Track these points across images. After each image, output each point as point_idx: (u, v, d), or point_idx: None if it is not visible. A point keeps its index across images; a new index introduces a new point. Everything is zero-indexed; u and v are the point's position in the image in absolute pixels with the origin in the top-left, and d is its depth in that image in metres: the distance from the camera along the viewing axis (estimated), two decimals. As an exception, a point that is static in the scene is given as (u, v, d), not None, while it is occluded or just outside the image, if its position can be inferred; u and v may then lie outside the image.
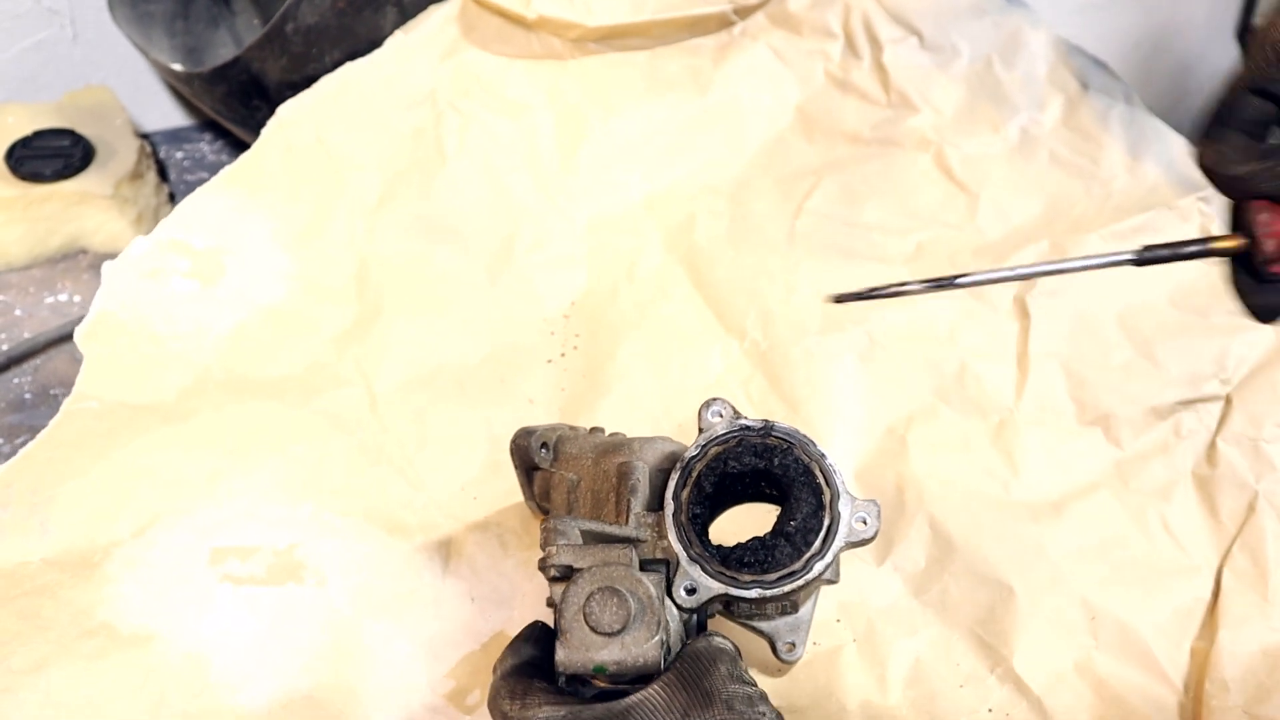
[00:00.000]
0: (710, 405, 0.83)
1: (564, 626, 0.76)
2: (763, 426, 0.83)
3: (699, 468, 0.82)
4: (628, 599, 0.75)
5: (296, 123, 1.34)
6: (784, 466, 0.83)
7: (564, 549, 0.80)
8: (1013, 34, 1.45)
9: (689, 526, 0.81)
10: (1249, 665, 1.03)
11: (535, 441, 0.94)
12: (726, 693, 0.74)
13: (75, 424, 1.12)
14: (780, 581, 0.81)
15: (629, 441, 0.87)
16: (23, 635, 1.00)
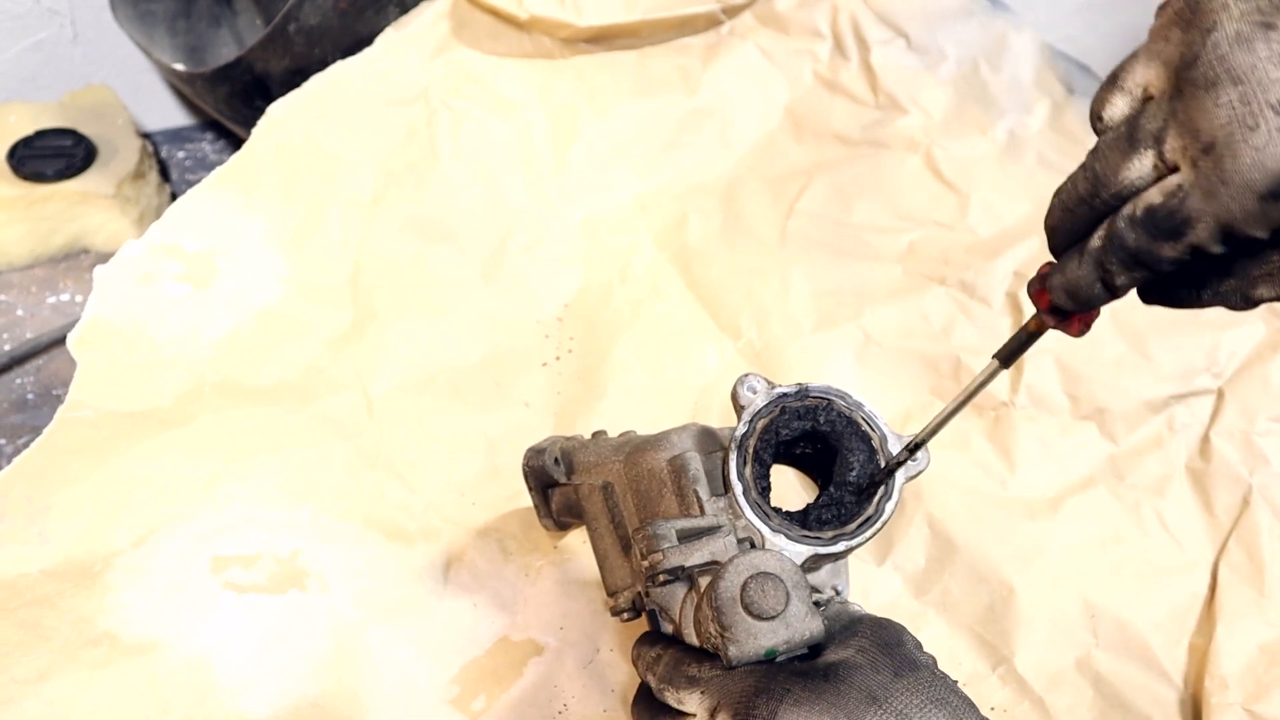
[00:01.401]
0: (744, 381, 0.81)
1: (726, 622, 0.72)
2: (799, 390, 0.81)
3: (753, 443, 0.80)
4: (781, 579, 0.72)
5: (287, 122, 1.28)
6: (830, 423, 0.81)
7: (670, 552, 0.77)
8: (999, 38, 1.41)
9: (762, 501, 0.79)
10: (1247, 661, 0.99)
11: (549, 458, 0.92)
12: (924, 658, 0.72)
13: (71, 431, 1.06)
14: (860, 530, 0.79)
15: (662, 437, 0.84)
16: (25, 645, 0.94)
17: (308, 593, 1.00)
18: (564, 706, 0.96)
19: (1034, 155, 1.33)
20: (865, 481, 0.80)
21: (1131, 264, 0.59)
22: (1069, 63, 1.39)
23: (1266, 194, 0.53)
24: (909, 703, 0.67)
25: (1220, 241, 0.56)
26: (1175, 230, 0.56)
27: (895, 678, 0.69)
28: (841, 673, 0.69)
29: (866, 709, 0.66)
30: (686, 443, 0.83)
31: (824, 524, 0.80)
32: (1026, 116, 1.35)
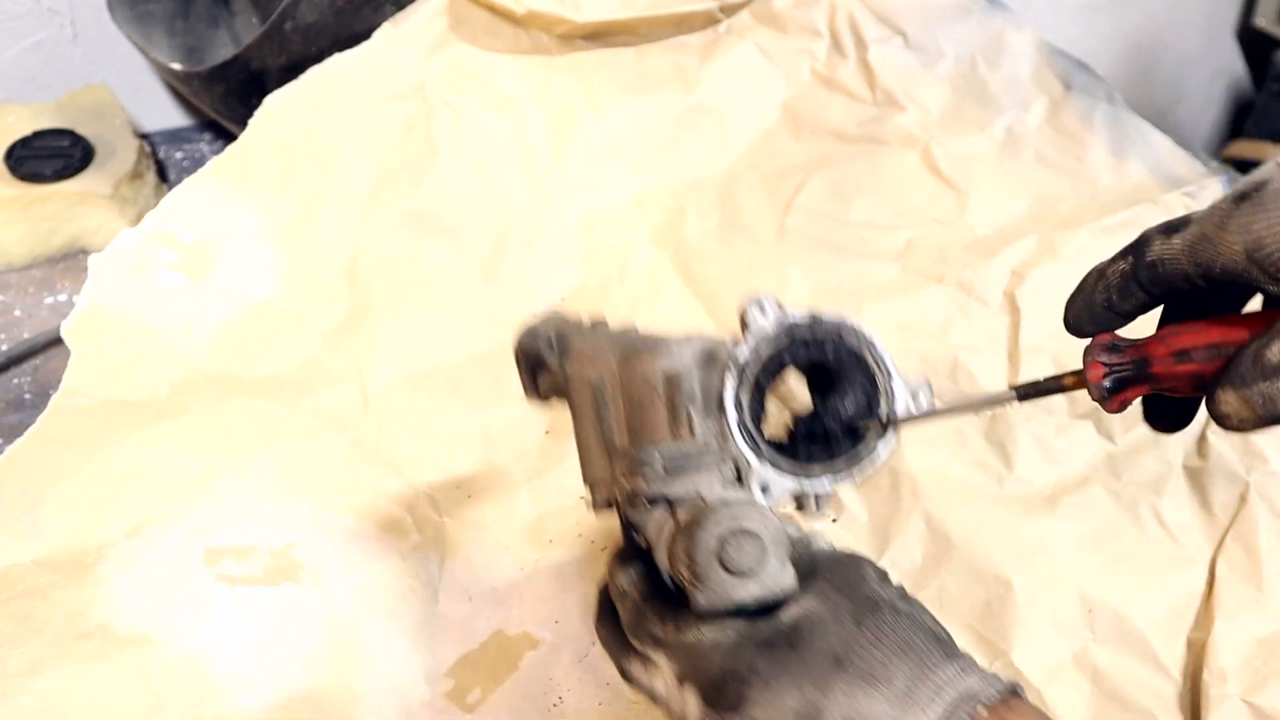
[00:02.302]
0: (754, 301, 0.77)
1: (699, 573, 0.70)
2: (809, 320, 0.77)
3: (753, 369, 0.76)
4: (761, 537, 0.70)
5: (284, 114, 1.28)
6: (836, 357, 0.77)
7: (653, 479, 0.75)
8: (996, 35, 1.40)
9: (754, 430, 0.76)
10: (1246, 655, 0.98)
11: (542, 340, 0.88)
12: (886, 594, 0.69)
13: (64, 421, 1.06)
14: (849, 467, 0.77)
15: (661, 343, 0.80)
16: (16, 638, 0.93)
17: (302, 586, 0.99)
18: (559, 700, 0.95)
19: (1032, 152, 1.32)
20: (860, 421, 0.77)
21: None
22: (1067, 60, 1.39)
23: None
24: (872, 656, 0.65)
25: None
26: None
27: (857, 627, 0.67)
28: (804, 633, 0.67)
29: (832, 674, 0.65)
30: (686, 357, 0.79)
31: (813, 459, 0.77)
32: (1024, 114, 1.35)
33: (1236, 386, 0.59)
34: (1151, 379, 0.64)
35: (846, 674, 0.65)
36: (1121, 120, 1.35)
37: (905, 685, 0.63)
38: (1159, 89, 1.95)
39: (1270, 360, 0.57)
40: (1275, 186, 0.59)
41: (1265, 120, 2.06)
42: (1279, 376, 0.57)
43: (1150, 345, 0.64)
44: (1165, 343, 0.63)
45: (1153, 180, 1.30)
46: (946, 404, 0.75)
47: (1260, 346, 0.58)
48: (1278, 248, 0.58)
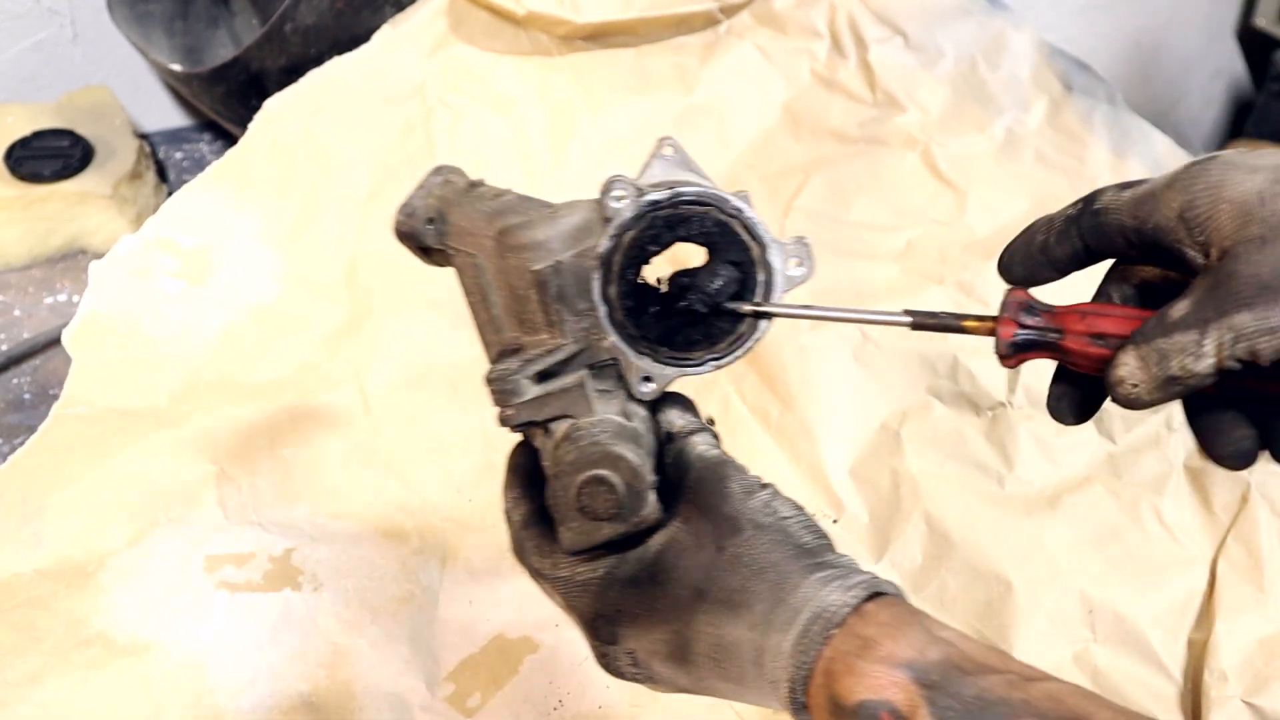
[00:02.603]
0: (610, 189, 0.71)
1: (560, 517, 0.70)
2: (671, 196, 0.72)
3: (619, 260, 0.72)
4: (615, 483, 0.68)
5: (283, 117, 1.28)
6: (705, 234, 0.72)
7: (519, 407, 0.72)
8: (996, 36, 1.40)
9: (627, 323, 0.72)
10: (1246, 655, 0.98)
11: (420, 221, 0.81)
12: (749, 510, 0.67)
13: (65, 429, 1.06)
14: (731, 349, 0.73)
15: (526, 220, 0.75)
16: (18, 647, 0.93)
17: (302, 592, 0.99)
18: (559, 703, 0.95)
19: (1032, 153, 1.32)
20: (739, 299, 0.73)
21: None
22: (1068, 60, 1.39)
23: None
24: (731, 583, 0.65)
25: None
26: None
27: (718, 552, 0.66)
28: (667, 564, 0.67)
29: (696, 605, 0.65)
30: (555, 245, 0.74)
31: (693, 344, 0.73)
32: (1024, 114, 1.35)
33: (1137, 344, 0.59)
34: (1060, 350, 0.63)
35: (709, 603, 0.65)
36: (1122, 120, 1.35)
37: (765, 609, 0.63)
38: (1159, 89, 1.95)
39: (1172, 316, 0.57)
40: (1223, 158, 0.60)
41: (1265, 120, 2.06)
42: (1177, 330, 0.57)
43: (1068, 318, 0.63)
44: (1085, 320, 0.62)
45: (1153, 180, 1.30)
46: (837, 309, 0.73)
47: (1166, 309, 0.58)
48: (1209, 207, 0.58)
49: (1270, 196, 0.57)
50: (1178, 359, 0.57)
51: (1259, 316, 0.55)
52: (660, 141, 0.76)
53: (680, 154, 0.77)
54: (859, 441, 1.12)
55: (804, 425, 1.13)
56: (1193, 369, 0.57)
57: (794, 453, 1.12)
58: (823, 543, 0.66)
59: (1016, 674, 0.57)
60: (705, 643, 0.65)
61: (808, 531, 0.66)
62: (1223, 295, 0.56)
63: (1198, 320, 0.56)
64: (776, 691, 0.62)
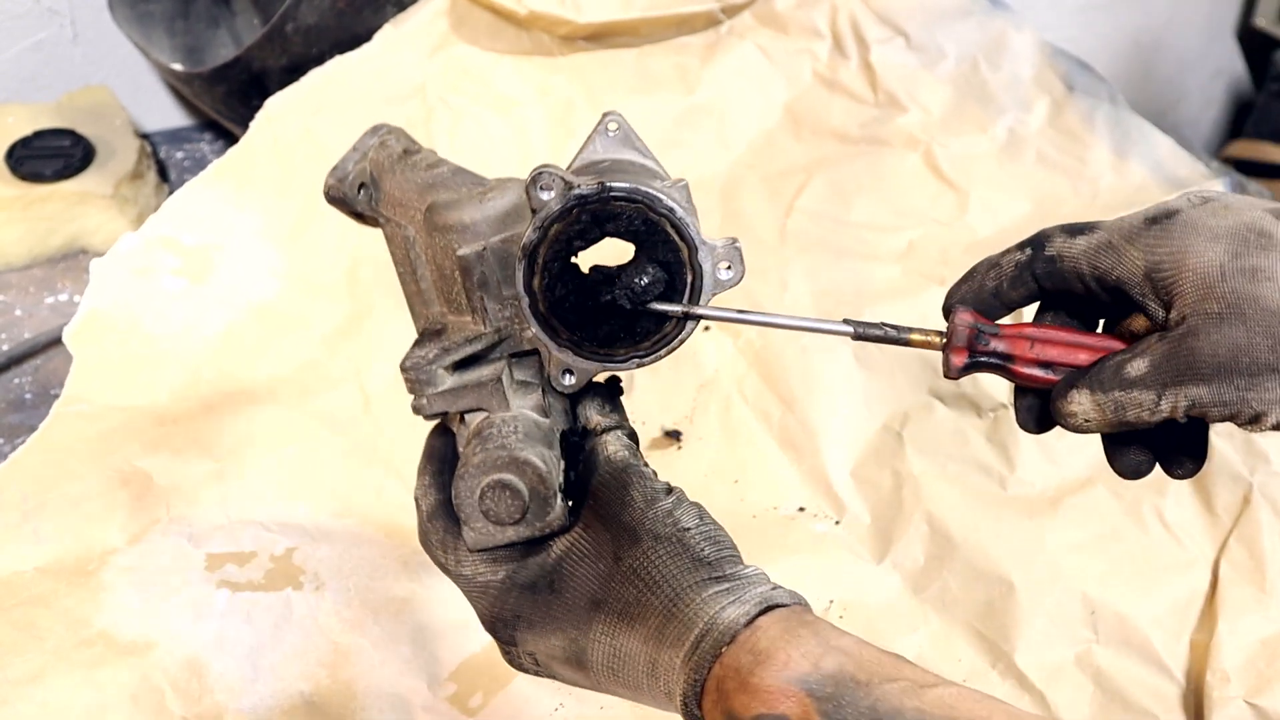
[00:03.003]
0: (537, 180, 0.69)
1: (464, 516, 0.68)
2: (599, 191, 0.69)
3: (544, 252, 0.70)
4: (519, 488, 0.67)
5: (284, 116, 1.28)
6: (633, 231, 0.70)
7: (433, 398, 0.71)
8: (998, 36, 1.40)
9: (550, 315, 0.71)
10: (1248, 656, 0.98)
11: (351, 186, 0.79)
12: (648, 520, 0.67)
13: (66, 427, 1.05)
14: (656, 348, 0.71)
15: (456, 205, 0.74)
16: (19, 646, 0.93)
17: (303, 590, 0.99)
18: (560, 704, 0.95)
19: (1033, 153, 1.32)
20: (665, 300, 0.70)
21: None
22: (1069, 60, 1.39)
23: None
24: (626, 596, 0.66)
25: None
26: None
27: (615, 562, 0.67)
28: (565, 573, 0.68)
29: (592, 616, 0.66)
30: (482, 229, 0.73)
31: (616, 340, 0.71)
32: (1026, 114, 1.35)
33: (1094, 390, 0.63)
34: (1007, 374, 0.66)
35: (605, 615, 0.66)
36: (1123, 120, 1.35)
37: (658, 623, 0.64)
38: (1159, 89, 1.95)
39: (1129, 374, 0.62)
40: (1184, 219, 0.63)
41: (1265, 120, 2.06)
42: (1134, 389, 0.62)
43: (1017, 344, 0.65)
44: (1034, 348, 0.65)
45: (1154, 181, 1.30)
46: (773, 315, 0.71)
47: (1123, 360, 0.63)
48: (1174, 273, 0.62)
49: (1230, 272, 0.61)
50: (1134, 411, 0.62)
51: (1214, 392, 0.60)
52: (604, 116, 0.74)
53: (624, 130, 0.75)
54: (861, 442, 1.12)
55: (806, 426, 1.13)
56: (1147, 420, 0.62)
57: (796, 454, 1.12)
58: (723, 554, 0.66)
59: (912, 681, 0.57)
60: (601, 652, 0.66)
61: (708, 543, 0.67)
62: (1182, 367, 0.61)
63: (1156, 383, 0.62)
64: (672, 703, 0.63)
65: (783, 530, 1.07)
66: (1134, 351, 0.63)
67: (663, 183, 0.72)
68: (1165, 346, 0.61)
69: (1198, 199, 0.65)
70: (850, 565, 1.04)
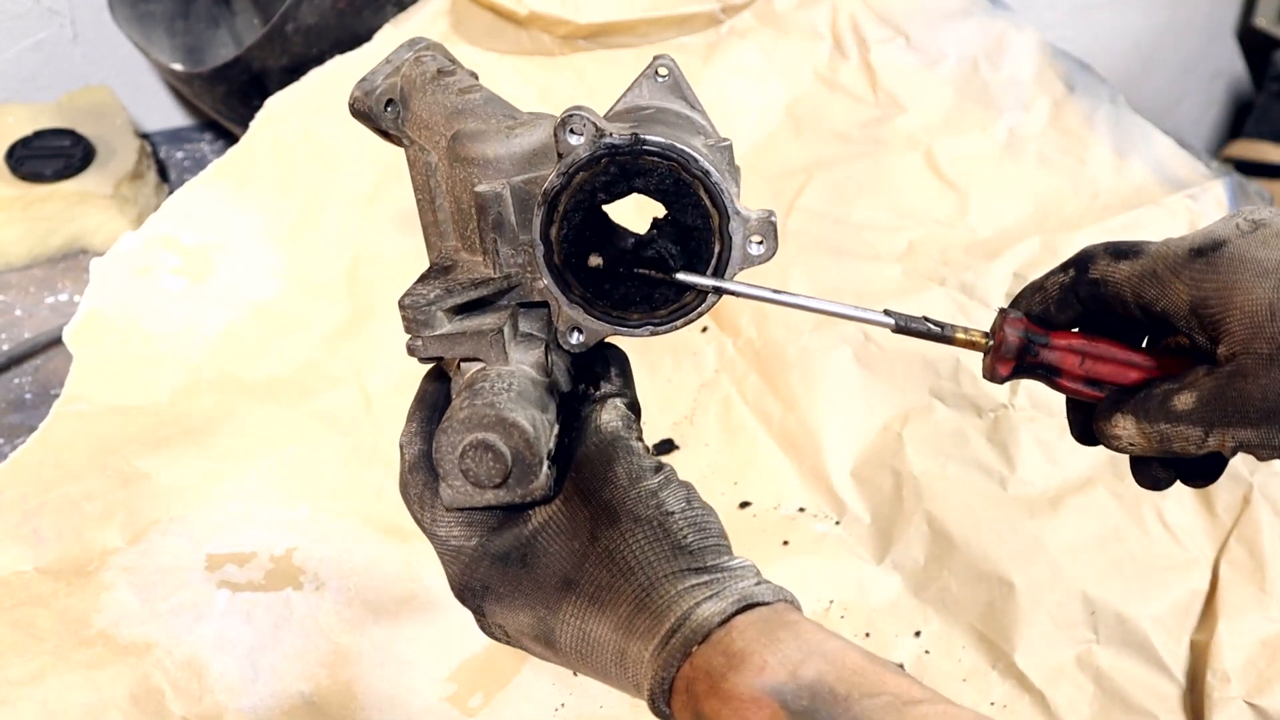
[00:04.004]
0: (568, 122, 0.65)
1: (443, 473, 0.65)
2: (631, 143, 0.65)
3: (565, 200, 0.66)
4: (502, 451, 0.63)
5: (285, 116, 1.28)
6: (662, 190, 0.66)
7: (429, 340, 0.68)
8: (998, 37, 1.40)
9: (563, 268, 0.67)
10: (1249, 656, 0.98)
11: (378, 101, 0.74)
12: (629, 500, 0.64)
13: (66, 427, 1.05)
14: (672, 317, 0.67)
15: (482, 137, 0.70)
16: (19, 646, 0.93)
17: (303, 591, 0.99)
18: (561, 704, 0.95)
19: (1034, 153, 1.32)
20: (689, 268, 0.67)
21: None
22: (1069, 61, 1.39)
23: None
24: (599, 579, 0.63)
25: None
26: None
27: (591, 542, 0.64)
28: (539, 548, 0.65)
29: (562, 596, 0.63)
30: (505, 165, 0.68)
31: (631, 304, 0.68)
32: (1026, 114, 1.35)
33: (1139, 418, 0.63)
34: (1052, 385, 0.66)
35: (575, 595, 0.63)
36: (1124, 121, 1.35)
37: (629, 611, 0.61)
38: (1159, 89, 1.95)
39: (1176, 407, 0.62)
40: (1231, 251, 0.62)
41: (1265, 120, 2.06)
42: (1181, 423, 0.62)
43: (1066, 358, 0.65)
44: (1083, 365, 0.65)
45: (1155, 181, 1.30)
46: (809, 298, 0.69)
47: (1170, 391, 0.62)
48: (1221, 311, 0.61)
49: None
50: (1180, 444, 0.62)
51: (1263, 435, 0.60)
52: (655, 59, 0.71)
53: (674, 77, 0.72)
54: (861, 443, 1.12)
55: (806, 426, 1.13)
56: (1192, 453, 0.63)
57: (796, 454, 1.12)
58: (707, 543, 0.63)
59: (895, 696, 0.55)
60: (570, 635, 0.63)
61: (692, 529, 0.64)
62: (1230, 408, 0.61)
63: (1203, 420, 0.61)
64: (641, 695, 0.61)
65: (783, 530, 1.07)
66: (1181, 382, 0.62)
67: (705, 140, 0.69)
68: (1213, 384, 0.61)
69: (1247, 225, 0.63)
70: (850, 565, 1.04)
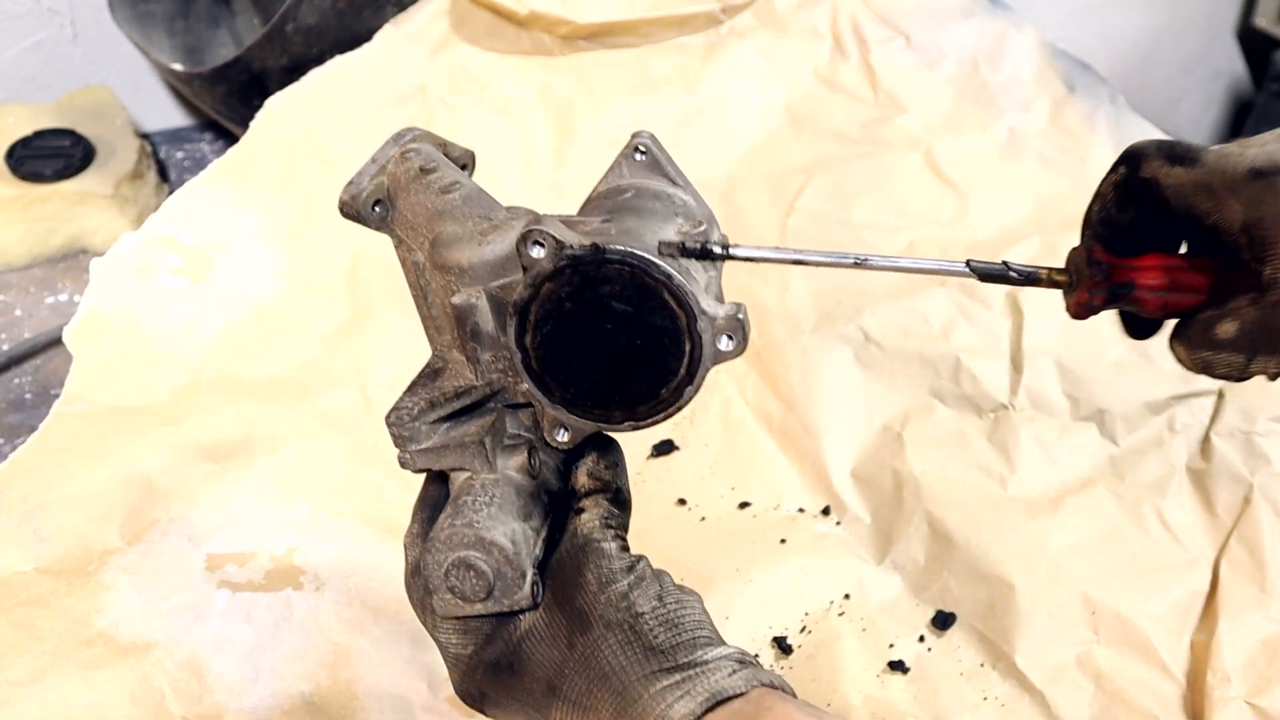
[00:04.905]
0: (529, 236, 0.66)
1: (432, 588, 0.69)
2: (593, 254, 0.66)
3: (535, 310, 0.67)
4: (484, 569, 0.66)
5: (285, 116, 1.28)
6: (627, 296, 0.67)
7: (416, 455, 0.72)
8: (998, 37, 1.40)
9: (542, 373, 0.68)
10: (1249, 656, 0.98)
11: (366, 203, 0.76)
12: (600, 606, 0.65)
13: (66, 427, 1.05)
14: (652, 412, 0.69)
15: (457, 244, 0.71)
16: (19, 646, 0.93)
17: (303, 590, 0.99)
18: (562, 705, 0.94)
19: (1034, 153, 1.32)
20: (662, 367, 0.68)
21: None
22: (1069, 61, 1.39)
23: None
24: (579, 686, 0.64)
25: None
26: None
27: (569, 649, 0.65)
28: (524, 655, 0.67)
29: (549, 702, 0.65)
30: (480, 273, 0.70)
31: (611, 403, 0.69)
32: (1026, 114, 1.35)
33: (1185, 345, 0.65)
34: (1129, 303, 0.68)
35: (561, 701, 0.65)
36: (1124, 121, 1.35)
37: (610, 716, 0.63)
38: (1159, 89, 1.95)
39: (1218, 336, 0.64)
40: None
41: (1265, 120, 2.06)
42: (1223, 350, 0.64)
43: (1142, 275, 0.67)
44: (1161, 291, 0.67)
45: (1156, 181, 1.30)
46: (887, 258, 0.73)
47: (1213, 318, 0.64)
48: (1272, 231, 0.61)
49: None
50: (1223, 370, 0.65)
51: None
52: (634, 137, 0.72)
53: (653, 154, 0.73)
54: (861, 442, 1.12)
55: (806, 426, 1.13)
56: (1236, 377, 0.65)
57: (796, 453, 1.12)
58: (680, 639, 0.64)
59: None
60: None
61: (663, 628, 0.65)
62: (1274, 336, 0.62)
63: (1246, 348, 0.63)
64: None
65: (783, 530, 1.07)
66: (1223, 311, 0.64)
67: (681, 224, 0.70)
68: (1256, 313, 0.62)
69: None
70: (850, 565, 1.04)
